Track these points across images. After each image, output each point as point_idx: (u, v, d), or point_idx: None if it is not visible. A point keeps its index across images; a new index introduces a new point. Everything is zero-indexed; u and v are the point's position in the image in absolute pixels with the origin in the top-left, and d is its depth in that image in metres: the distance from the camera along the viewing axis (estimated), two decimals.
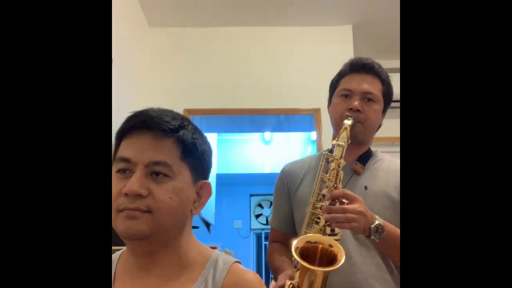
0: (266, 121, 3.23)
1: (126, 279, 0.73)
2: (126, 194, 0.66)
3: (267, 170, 4.68)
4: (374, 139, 1.29)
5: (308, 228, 1.07)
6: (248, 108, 2.83)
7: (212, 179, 0.80)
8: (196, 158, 0.73)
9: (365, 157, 1.22)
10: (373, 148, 1.28)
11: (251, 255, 5.44)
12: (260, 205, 5.57)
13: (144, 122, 0.69)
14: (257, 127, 3.76)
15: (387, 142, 3.07)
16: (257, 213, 5.56)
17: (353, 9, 2.78)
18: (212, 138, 3.86)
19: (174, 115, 0.73)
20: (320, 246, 0.94)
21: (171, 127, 0.69)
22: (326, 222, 1.01)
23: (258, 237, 5.62)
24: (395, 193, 1.14)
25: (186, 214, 0.72)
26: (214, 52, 2.93)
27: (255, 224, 5.52)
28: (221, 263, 0.73)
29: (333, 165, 1.07)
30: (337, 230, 1.03)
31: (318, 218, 1.05)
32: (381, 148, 3.11)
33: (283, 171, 1.32)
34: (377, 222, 1.01)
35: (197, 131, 0.74)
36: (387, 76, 1.24)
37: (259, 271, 5.50)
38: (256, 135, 4.74)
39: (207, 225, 3.57)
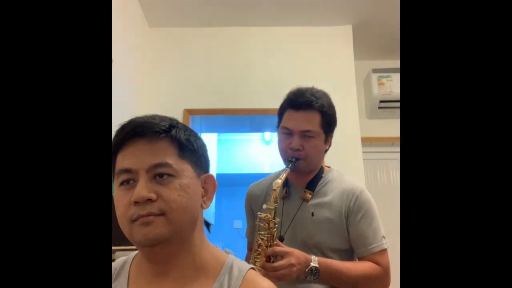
0: (266, 121, 3.22)
1: (142, 284, 0.73)
2: (136, 203, 0.66)
3: (267, 170, 4.66)
4: (375, 139, 1.32)
5: None
6: (248, 108, 2.82)
7: None
8: (194, 152, 0.74)
9: (314, 182, 1.33)
10: (328, 166, 1.39)
11: None
12: None
13: (135, 130, 0.70)
14: (257, 127, 3.75)
15: (387, 142, 3.07)
16: None
17: (353, 9, 2.78)
18: (212, 138, 3.85)
19: (161, 117, 0.74)
20: None
21: (162, 127, 0.70)
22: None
23: None
24: (338, 217, 1.25)
25: (197, 210, 0.73)
26: (214, 52, 2.92)
27: None
28: (236, 270, 0.73)
29: (266, 225, 1.19)
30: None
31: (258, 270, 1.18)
32: (381, 148, 3.11)
33: (247, 194, 1.44)
34: (312, 264, 1.13)
35: (188, 129, 0.76)
36: (327, 104, 1.29)
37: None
38: (256, 135, 4.73)
39: (207, 225, 3.58)
